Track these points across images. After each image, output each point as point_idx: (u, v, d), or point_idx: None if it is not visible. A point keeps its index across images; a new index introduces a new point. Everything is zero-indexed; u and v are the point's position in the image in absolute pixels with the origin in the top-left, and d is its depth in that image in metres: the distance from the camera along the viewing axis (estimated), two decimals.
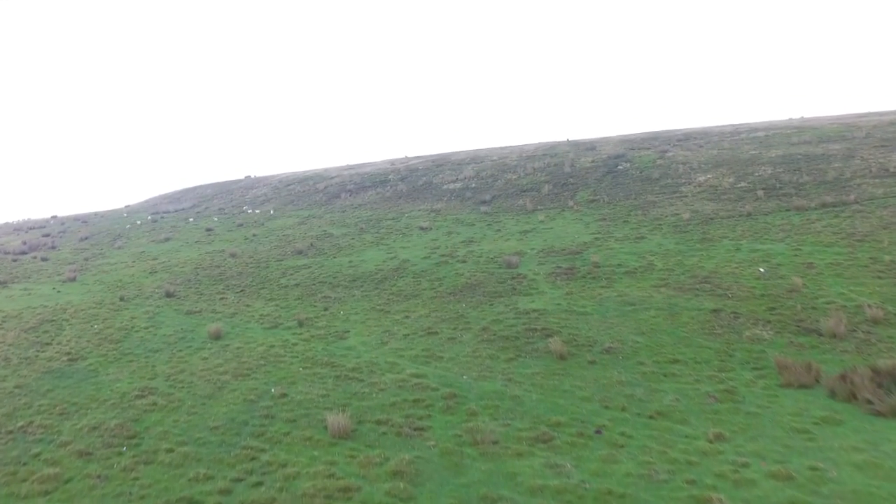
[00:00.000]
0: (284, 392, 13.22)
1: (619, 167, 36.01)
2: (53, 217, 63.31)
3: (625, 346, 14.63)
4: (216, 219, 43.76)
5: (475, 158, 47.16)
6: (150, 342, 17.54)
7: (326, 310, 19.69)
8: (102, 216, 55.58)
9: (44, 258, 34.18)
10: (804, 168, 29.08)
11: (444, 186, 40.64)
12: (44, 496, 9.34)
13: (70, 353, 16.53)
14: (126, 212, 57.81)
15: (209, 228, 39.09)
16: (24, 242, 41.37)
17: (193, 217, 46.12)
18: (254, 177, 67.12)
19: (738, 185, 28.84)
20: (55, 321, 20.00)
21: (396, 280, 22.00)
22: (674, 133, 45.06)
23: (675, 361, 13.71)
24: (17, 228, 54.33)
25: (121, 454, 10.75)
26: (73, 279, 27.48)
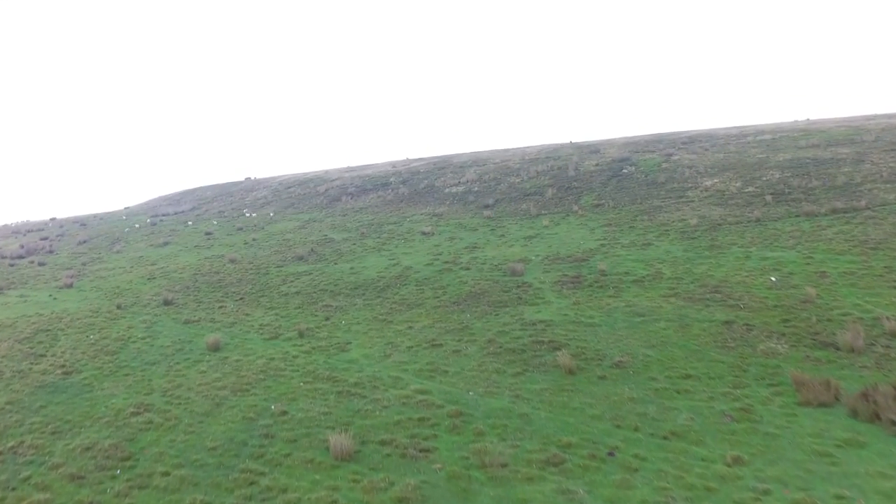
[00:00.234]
0: (285, 409, 12.79)
1: (624, 171, 35.58)
2: (52, 219, 62.93)
3: (635, 360, 14.20)
4: (216, 222, 43.34)
5: (477, 161, 46.72)
6: (147, 354, 17.11)
7: (327, 319, 19.27)
8: (101, 218, 55.19)
9: (41, 263, 33.77)
10: (813, 172, 28.64)
11: (446, 190, 40.21)
12: None
13: (65, 366, 16.10)
14: (125, 214, 57.43)
15: (208, 232, 38.67)
16: (22, 246, 40.97)
17: (193, 220, 45.70)
18: (254, 178, 66.73)
19: (746, 190, 28.39)
20: (50, 331, 19.58)
21: (399, 288, 21.57)
22: (678, 135, 44.61)
23: (688, 377, 13.28)
24: (16, 231, 53.94)
25: (114, 478, 10.34)
26: (70, 285, 27.07)
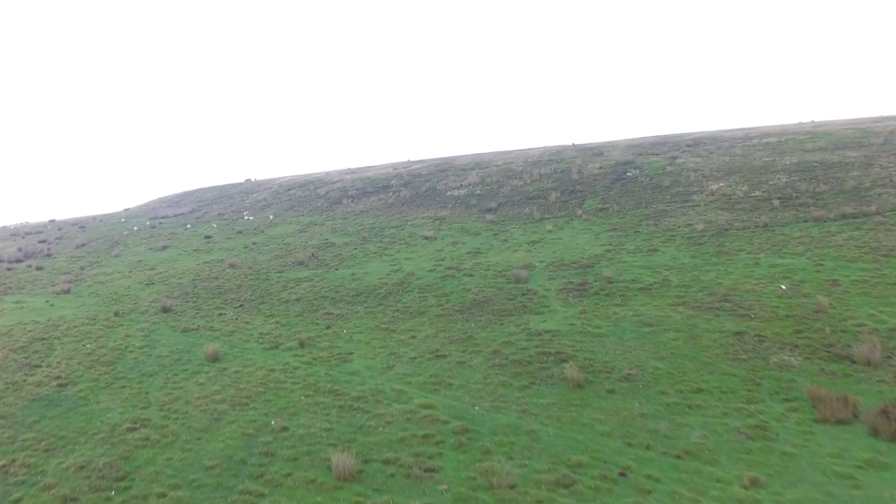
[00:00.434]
0: (285, 425, 12.43)
1: (628, 174, 35.19)
2: (51, 221, 62.60)
3: (644, 373, 13.82)
4: (215, 225, 42.98)
5: (479, 163, 46.34)
6: (145, 364, 16.75)
7: (329, 328, 18.90)
8: (101, 221, 54.83)
9: (38, 267, 33.42)
10: (821, 176, 28.25)
11: (448, 193, 39.83)
12: None
13: (60, 378, 15.74)
14: (125, 216, 57.07)
15: (208, 236, 38.31)
16: (20, 249, 40.64)
17: (192, 223, 45.34)
18: (254, 180, 66.37)
19: (753, 194, 28.00)
20: (46, 339, 19.22)
21: (401, 295, 21.20)
22: (682, 138, 44.23)
23: (699, 391, 12.91)
24: (14, 233, 53.60)
25: (109, 500, 9.99)
26: (68, 291, 26.71)
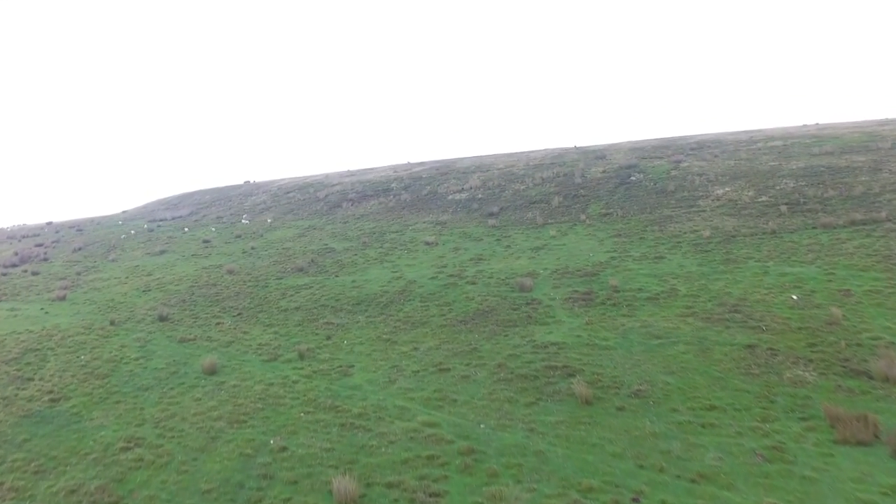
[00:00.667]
0: (284, 445, 12.01)
1: (632, 178, 34.76)
2: (48, 223, 62.12)
3: (654, 389, 13.41)
4: (213, 229, 42.55)
5: (481, 166, 45.91)
6: (140, 377, 16.32)
7: (329, 339, 18.47)
8: (98, 223, 54.38)
9: (34, 272, 32.97)
10: (828, 181, 27.82)
11: (450, 196, 39.40)
12: None
13: (52, 392, 15.31)
14: (122, 219, 56.60)
15: (206, 240, 37.86)
16: (16, 253, 40.18)
17: (190, 226, 44.90)
18: (253, 182, 65.94)
19: (759, 200, 27.58)
20: (39, 350, 18.78)
21: (403, 304, 20.77)
22: (686, 140, 43.80)
23: (712, 408, 12.49)
24: (11, 236, 53.15)
25: None
26: (63, 298, 26.27)
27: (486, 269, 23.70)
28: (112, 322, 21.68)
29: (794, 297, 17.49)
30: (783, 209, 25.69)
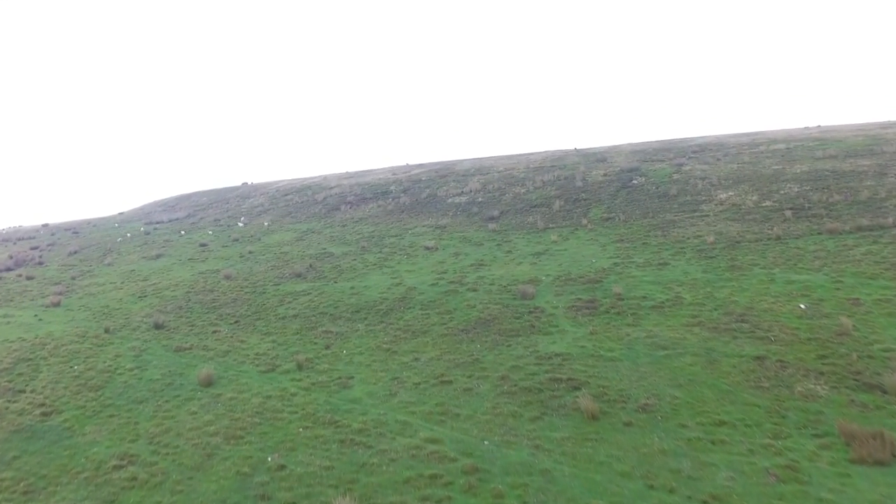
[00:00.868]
0: (282, 463, 11.65)
1: (634, 181, 34.41)
2: (44, 225, 61.62)
3: (662, 403, 13.07)
4: (210, 232, 42.13)
5: (480, 169, 45.54)
6: (135, 389, 15.93)
7: (328, 348, 18.11)
8: (94, 225, 53.92)
9: (29, 276, 32.54)
10: (833, 186, 27.50)
11: (449, 200, 39.02)
12: None
13: (44, 405, 14.92)
14: (119, 220, 56.16)
15: (203, 244, 37.45)
16: (11, 257, 39.73)
17: (187, 229, 44.48)
18: (250, 184, 65.51)
19: (763, 205, 27.25)
20: (32, 360, 18.39)
21: (403, 312, 20.41)
22: (687, 143, 43.47)
23: (722, 423, 12.16)
24: (6, 239, 52.67)
25: None
26: (58, 304, 25.85)
27: (488, 276, 23.35)
28: (107, 330, 21.29)
29: (802, 306, 17.17)
30: (788, 214, 25.36)
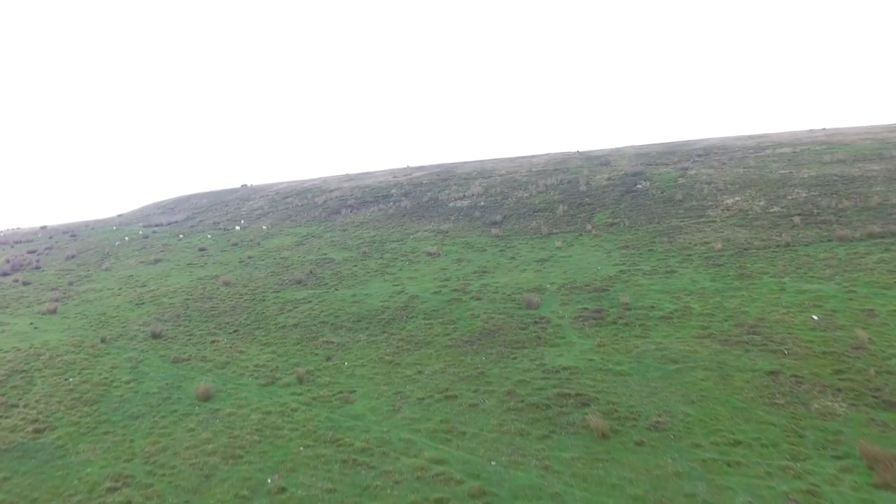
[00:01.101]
0: (283, 485, 11.23)
1: (638, 186, 33.98)
2: (43, 228, 61.24)
3: (674, 421, 12.65)
4: (210, 235, 41.71)
5: (482, 172, 45.12)
6: (131, 403, 15.52)
7: (329, 359, 17.69)
8: (93, 227, 53.52)
9: (25, 282, 32.12)
10: (842, 191, 27.06)
11: (451, 204, 38.59)
12: None
13: (37, 421, 14.50)
14: (117, 223, 55.73)
15: (202, 248, 37.03)
16: (8, 261, 39.34)
17: (186, 232, 44.06)
18: (250, 186, 65.09)
19: (771, 210, 26.82)
20: (26, 372, 17.97)
21: (405, 321, 19.99)
22: (692, 146, 43.03)
23: (737, 443, 11.74)
24: (4, 242, 52.25)
25: None
26: (54, 311, 25.44)
27: (491, 283, 22.93)
28: (103, 339, 20.86)
29: (815, 318, 16.75)
30: (796, 220, 24.93)
